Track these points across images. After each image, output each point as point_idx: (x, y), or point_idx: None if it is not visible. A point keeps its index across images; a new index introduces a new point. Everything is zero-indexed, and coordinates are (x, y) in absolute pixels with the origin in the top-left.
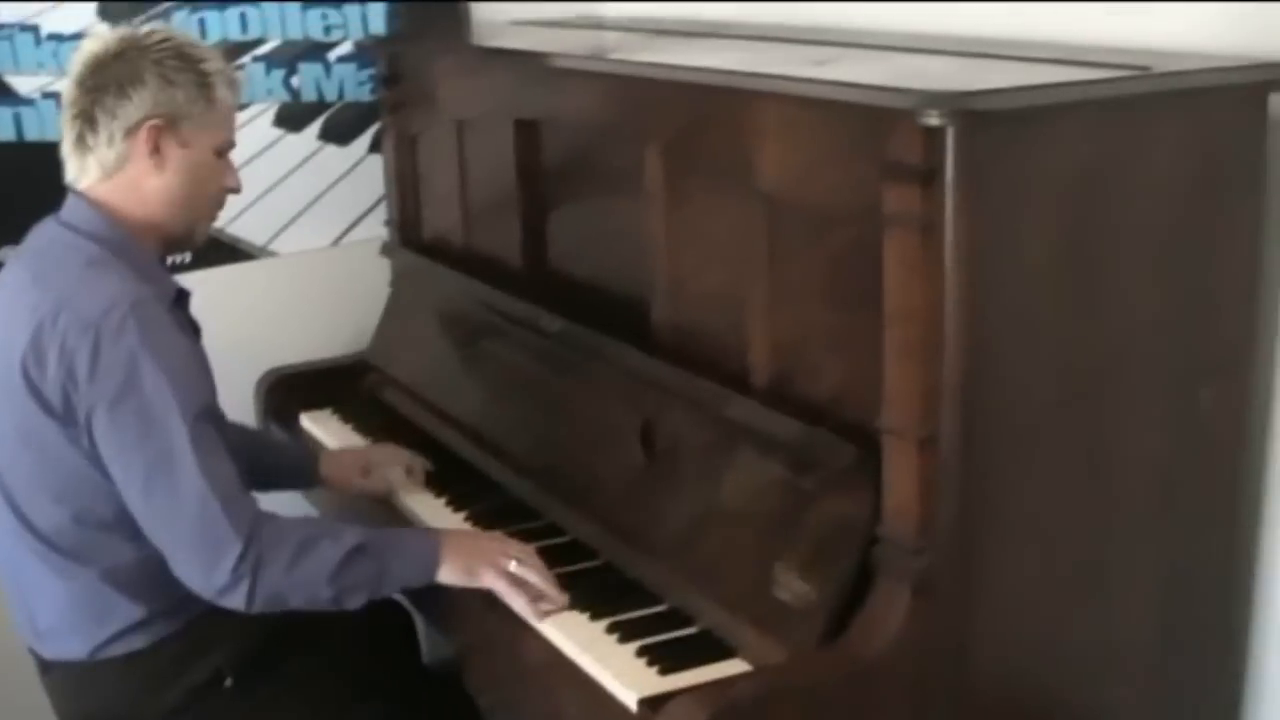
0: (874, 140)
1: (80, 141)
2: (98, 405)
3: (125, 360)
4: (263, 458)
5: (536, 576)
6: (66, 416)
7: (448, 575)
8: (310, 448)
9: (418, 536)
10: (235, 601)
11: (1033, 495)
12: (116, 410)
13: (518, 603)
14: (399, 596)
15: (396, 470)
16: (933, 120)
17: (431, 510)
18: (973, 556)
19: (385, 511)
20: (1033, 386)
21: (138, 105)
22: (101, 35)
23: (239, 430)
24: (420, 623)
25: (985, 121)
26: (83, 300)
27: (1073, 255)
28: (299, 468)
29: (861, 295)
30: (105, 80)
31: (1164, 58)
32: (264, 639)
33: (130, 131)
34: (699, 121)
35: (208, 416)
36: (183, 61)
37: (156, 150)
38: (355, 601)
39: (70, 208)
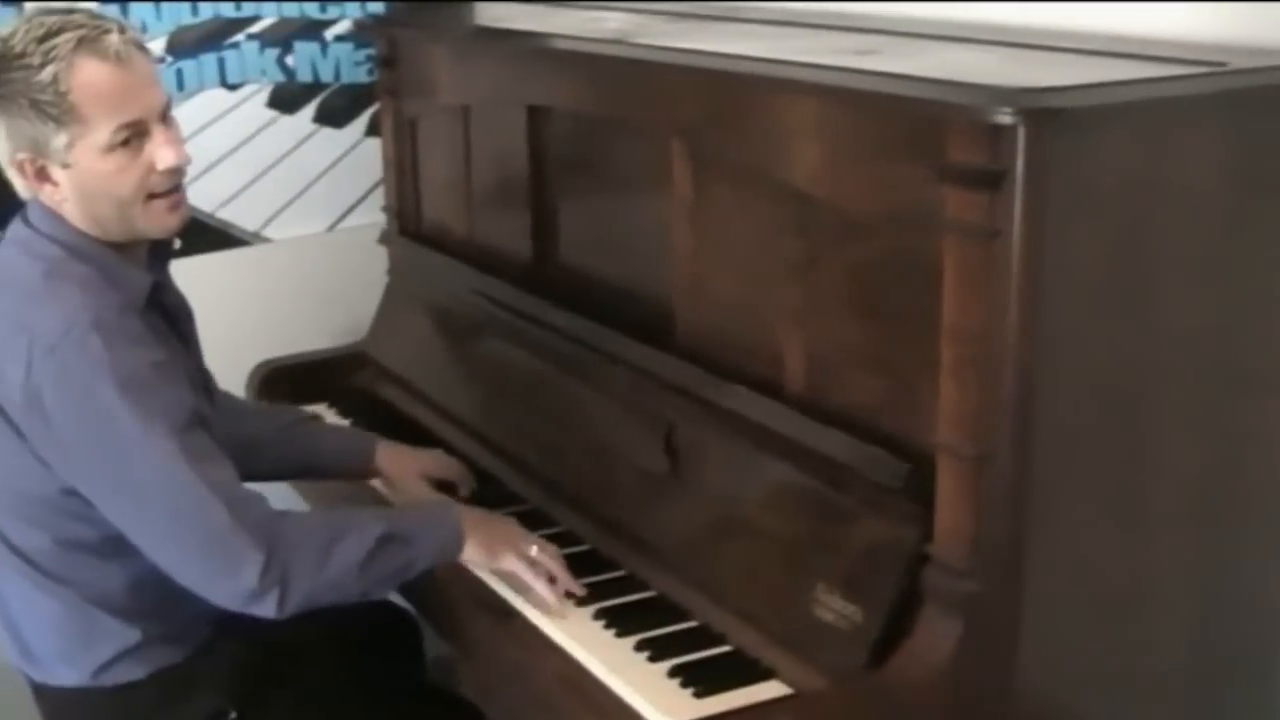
0: (926, 140)
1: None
2: (71, 439)
3: (90, 388)
4: (304, 445)
5: (554, 562)
6: (36, 444)
7: (471, 553)
8: (365, 437)
9: (438, 516)
10: (266, 610)
11: (1079, 515)
12: (91, 443)
13: (539, 585)
14: (405, 604)
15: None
16: (1004, 119)
17: None
18: (1023, 581)
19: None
20: (1085, 403)
21: (3, 143)
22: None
23: (272, 417)
24: (426, 630)
25: (1058, 120)
26: (42, 320)
27: (1124, 264)
28: (352, 454)
29: (907, 304)
30: None
31: (1234, 53)
32: (265, 671)
33: (16, 168)
34: (728, 113)
35: (192, 422)
36: (21, 82)
37: (45, 179)
38: (385, 590)
39: (33, 209)
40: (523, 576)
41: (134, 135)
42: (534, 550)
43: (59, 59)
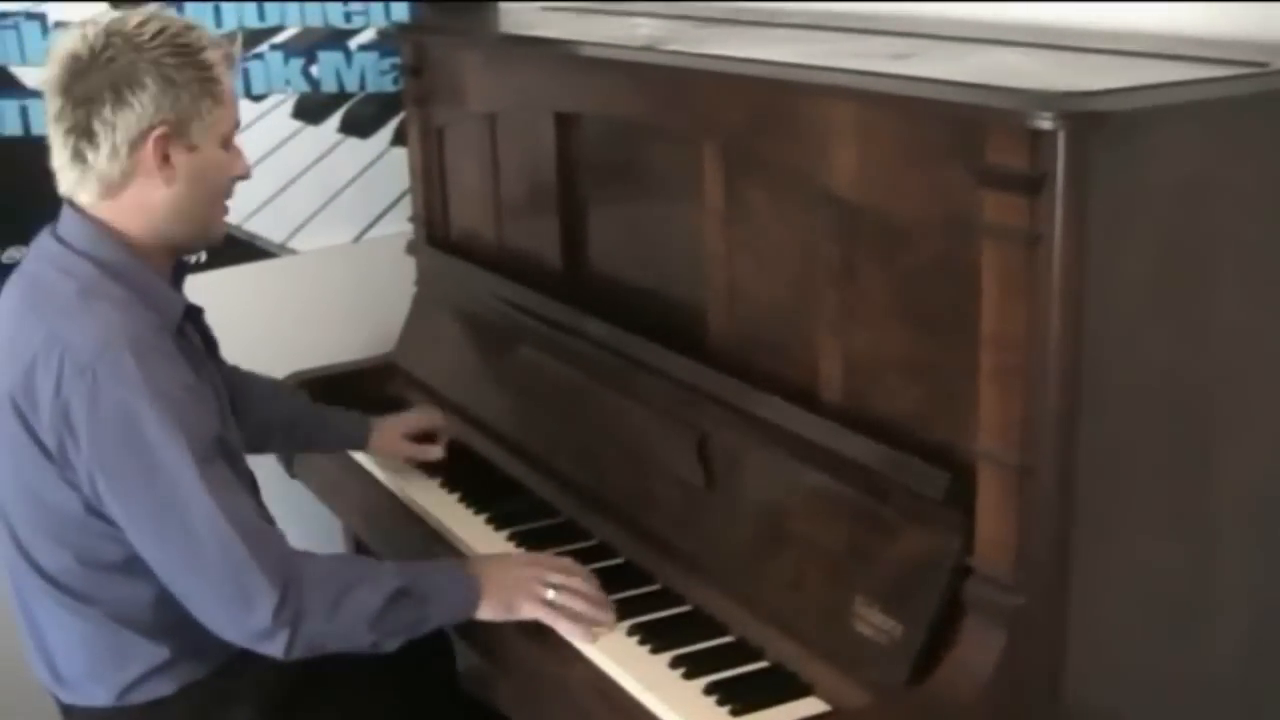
0: (967, 144)
1: (78, 157)
2: (99, 458)
3: (125, 407)
4: (319, 426)
5: (579, 601)
6: (63, 463)
7: (487, 612)
8: (361, 418)
9: (455, 574)
10: (273, 650)
11: (1129, 525)
12: (120, 464)
13: (563, 627)
14: None
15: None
16: (1044, 123)
17: (471, 530)
18: (1070, 593)
19: (423, 532)
20: (1133, 411)
21: (140, 113)
22: (79, 30)
23: (294, 400)
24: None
25: (1099, 125)
26: (77, 337)
27: (1176, 270)
28: (352, 426)
29: (947, 311)
30: (97, 86)
31: (1272, 52)
32: (295, 685)
33: (135, 144)
34: (763, 118)
35: (217, 450)
36: (182, 56)
37: (166, 160)
38: (393, 645)
39: (66, 222)
40: (545, 622)
41: (232, 138)
42: (550, 594)
43: (211, 46)
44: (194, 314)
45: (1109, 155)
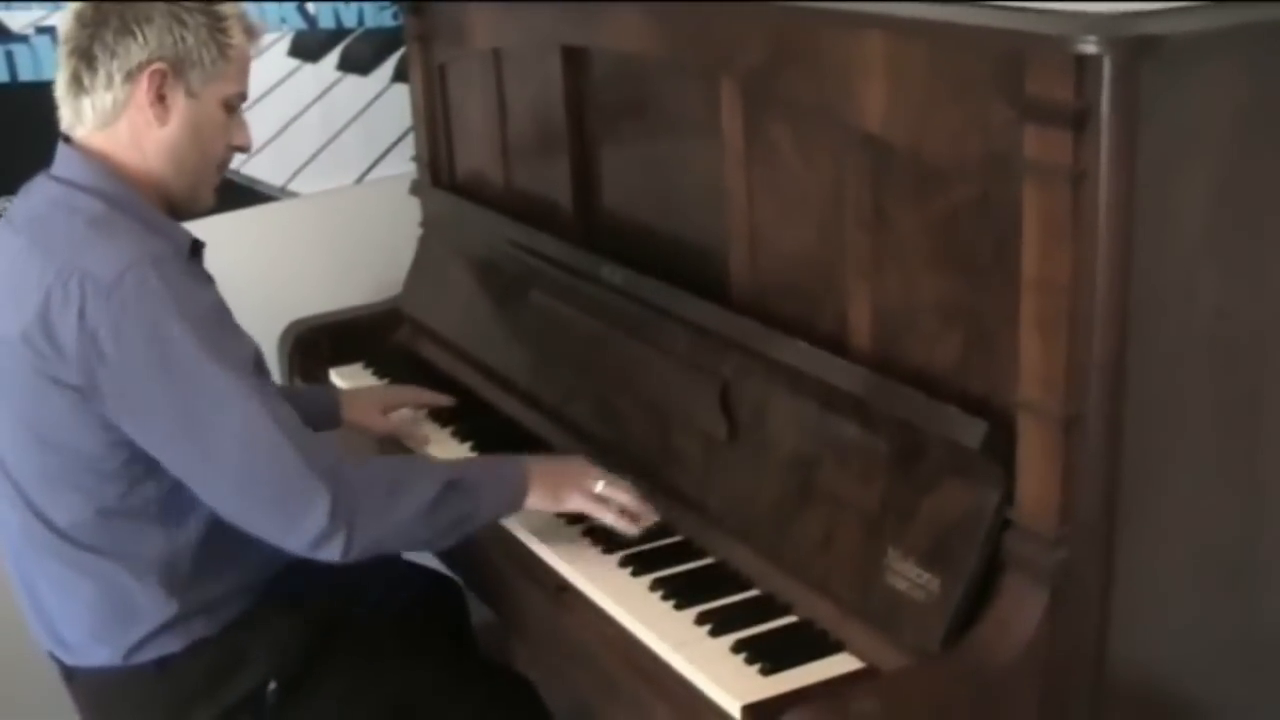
0: (1005, 76)
1: (75, 81)
2: (133, 380)
3: (156, 326)
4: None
5: (625, 495)
6: (91, 394)
7: (536, 501)
8: (330, 389)
9: (503, 464)
10: (332, 553)
11: (1180, 479)
12: (156, 381)
13: (609, 517)
14: (449, 573)
15: (410, 415)
16: (1088, 49)
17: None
18: (1115, 548)
19: None
20: (1184, 359)
21: (141, 45)
22: None
23: None
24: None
25: (1149, 51)
26: (95, 263)
27: (1231, 208)
28: (323, 414)
29: (985, 254)
30: (107, 14)
31: None
32: (306, 642)
33: (131, 75)
34: (783, 53)
35: (257, 365)
36: (197, 1)
37: (160, 99)
38: (449, 540)
39: (64, 160)
40: (591, 514)
41: (237, 104)
42: (600, 485)
43: (233, 7)
44: (198, 248)
45: (1160, 84)
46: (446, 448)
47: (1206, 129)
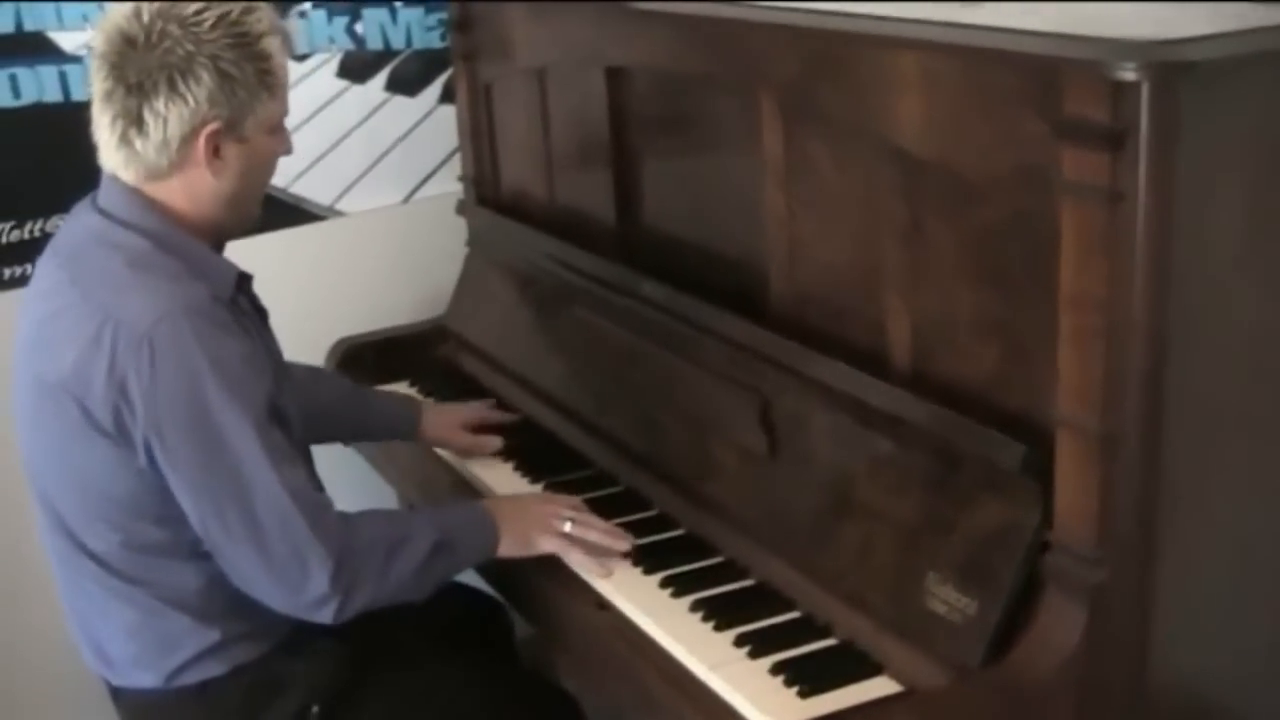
0: (1043, 97)
1: (125, 142)
2: (158, 430)
3: (184, 377)
4: (362, 415)
5: (593, 533)
6: (120, 438)
7: (507, 549)
8: (409, 400)
9: (474, 517)
10: (323, 617)
11: (1218, 496)
12: (180, 435)
13: (576, 559)
14: (493, 592)
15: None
16: (1127, 74)
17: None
18: (1156, 565)
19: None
20: (1221, 376)
21: (195, 108)
22: (131, 7)
23: (336, 386)
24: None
25: (1185, 75)
26: (128, 311)
27: (1267, 227)
28: (399, 418)
29: (1023, 270)
30: (151, 73)
31: None
32: (351, 662)
33: (186, 139)
34: (825, 69)
35: (274, 418)
36: (241, 49)
37: (216, 154)
38: (426, 594)
39: (109, 194)
40: (562, 556)
41: (281, 124)
42: (567, 526)
43: (271, 32)
44: (245, 282)
45: (1195, 107)
46: (490, 465)
47: (1241, 150)
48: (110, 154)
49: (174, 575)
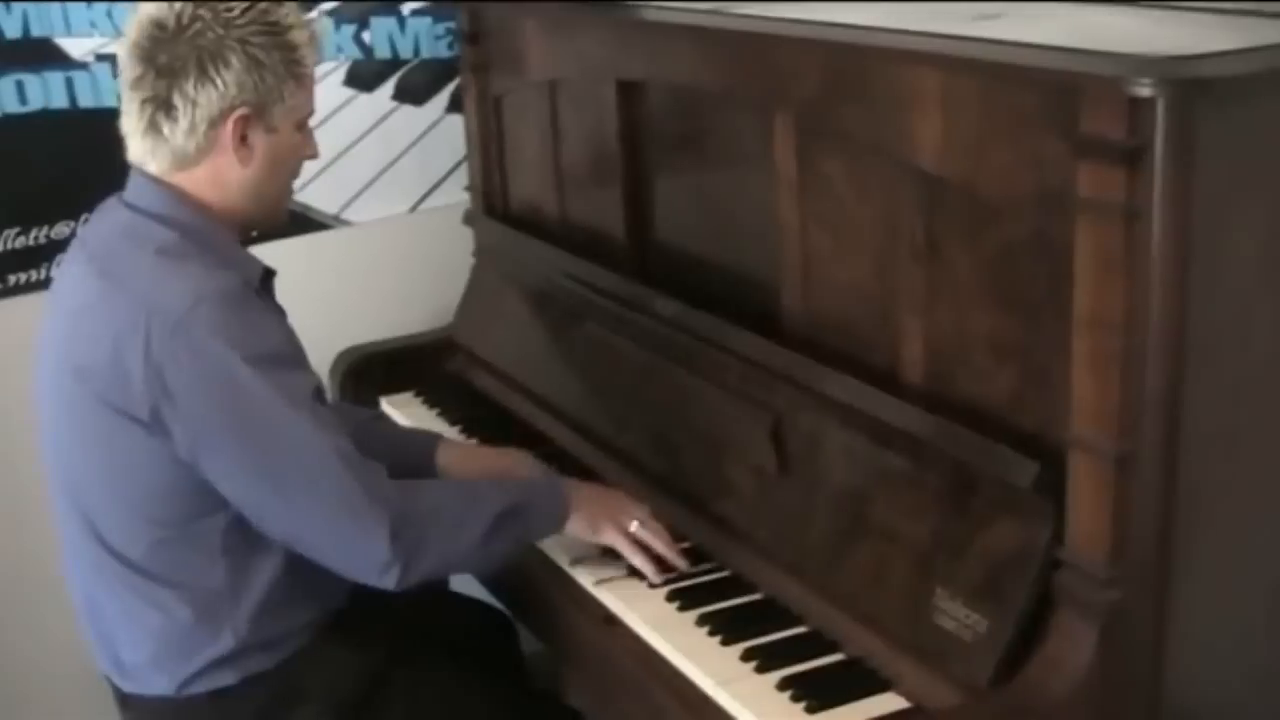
0: (1059, 114)
1: (153, 128)
2: (200, 416)
3: (222, 360)
4: (380, 442)
5: (659, 541)
6: (155, 428)
7: (574, 527)
8: (427, 435)
9: (548, 490)
10: (388, 582)
11: (1234, 517)
12: (224, 419)
13: (637, 560)
14: (499, 606)
15: None
16: (1143, 90)
17: None
18: (1168, 587)
19: None
20: (1238, 396)
21: (223, 92)
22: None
23: (352, 413)
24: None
25: (1203, 92)
26: (164, 298)
27: None
28: (416, 454)
29: (1038, 290)
30: (182, 58)
31: None
32: (362, 674)
33: (214, 123)
34: (837, 87)
35: (319, 397)
36: (270, 36)
37: (243, 141)
38: (495, 565)
39: (138, 189)
40: (622, 551)
41: (307, 122)
42: (634, 525)
43: (300, 26)
44: (269, 278)
45: (1213, 124)
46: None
47: (1259, 167)
48: (137, 143)
49: (202, 574)
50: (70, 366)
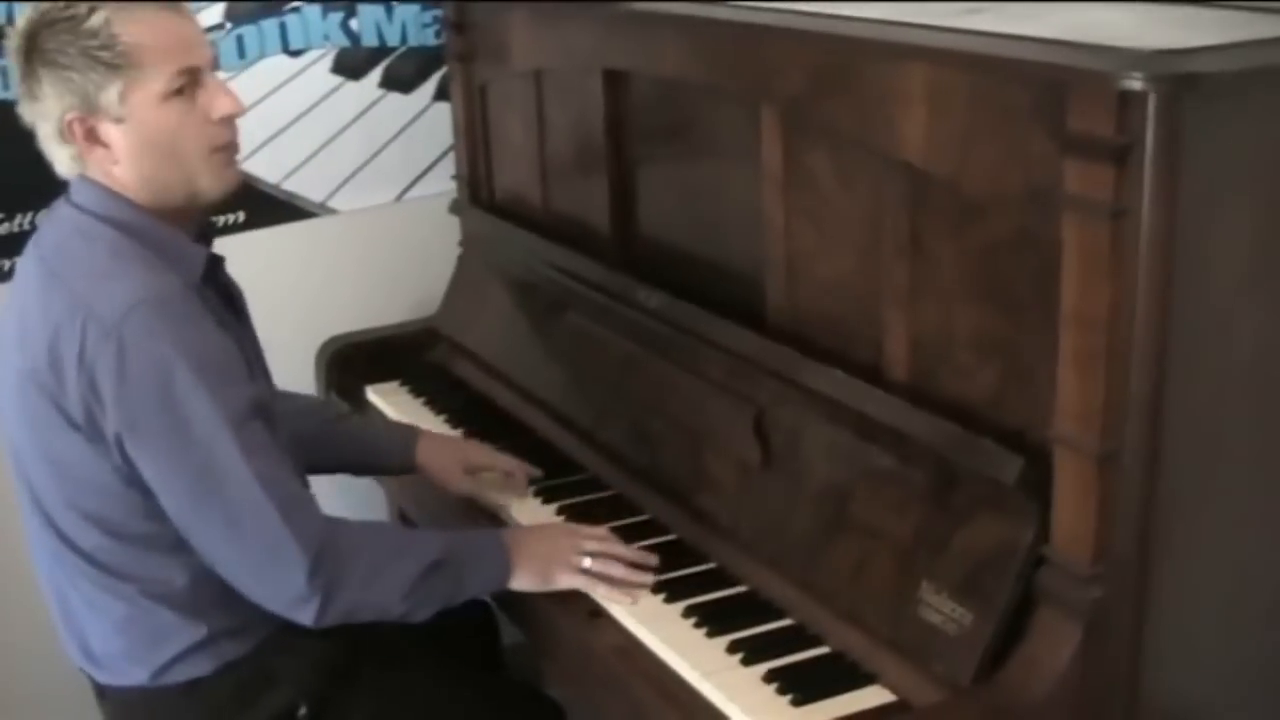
0: (1047, 109)
1: (44, 143)
2: (129, 422)
3: (154, 368)
4: (347, 441)
5: (617, 567)
6: (91, 432)
7: (521, 583)
8: (406, 431)
9: (490, 544)
10: (304, 617)
11: (1217, 516)
12: (151, 426)
13: (600, 591)
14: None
15: (499, 479)
16: (1133, 85)
17: (519, 502)
18: (1151, 585)
19: (467, 502)
20: (1223, 395)
21: (50, 106)
22: (19, 23)
23: (318, 411)
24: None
25: (1192, 87)
26: (100, 301)
27: (1272, 246)
28: (391, 452)
29: (1024, 287)
30: (28, 84)
31: None
32: (339, 663)
33: (62, 135)
34: (824, 80)
35: (252, 412)
36: (65, 35)
37: (95, 140)
38: (425, 615)
39: (77, 188)
40: (583, 589)
41: (189, 84)
42: (586, 562)
43: (101, 21)
44: (215, 265)
45: (1202, 121)
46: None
47: (1248, 165)
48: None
49: (160, 569)
50: (22, 365)
